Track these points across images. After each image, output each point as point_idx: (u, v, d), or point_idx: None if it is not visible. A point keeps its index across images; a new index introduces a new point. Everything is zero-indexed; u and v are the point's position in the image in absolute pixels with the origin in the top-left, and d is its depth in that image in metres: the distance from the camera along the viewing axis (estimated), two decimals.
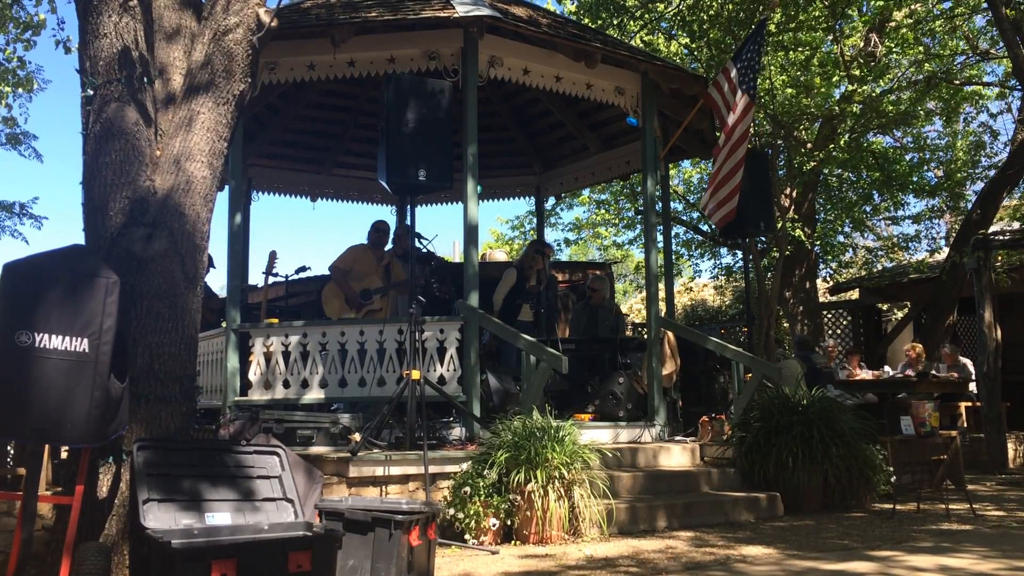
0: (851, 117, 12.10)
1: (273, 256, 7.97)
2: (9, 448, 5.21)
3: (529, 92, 9.01)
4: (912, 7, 12.54)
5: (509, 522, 5.43)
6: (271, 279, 8.05)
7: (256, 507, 3.97)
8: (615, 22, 12.79)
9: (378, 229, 8.57)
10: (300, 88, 9.05)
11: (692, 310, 19.35)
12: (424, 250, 8.02)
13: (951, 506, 6.63)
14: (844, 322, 15.21)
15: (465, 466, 5.65)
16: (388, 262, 8.40)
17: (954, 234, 14.54)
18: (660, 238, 8.86)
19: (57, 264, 3.79)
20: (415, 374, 5.90)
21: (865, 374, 11.00)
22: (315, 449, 6.02)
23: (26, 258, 3.85)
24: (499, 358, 8.35)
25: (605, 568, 4.61)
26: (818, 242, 14.69)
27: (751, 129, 8.16)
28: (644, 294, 10.34)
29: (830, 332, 14.95)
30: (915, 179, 14.13)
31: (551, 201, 13.03)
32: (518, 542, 5.42)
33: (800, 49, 12.37)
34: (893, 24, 12.64)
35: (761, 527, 6.00)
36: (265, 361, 6.88)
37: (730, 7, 11.72)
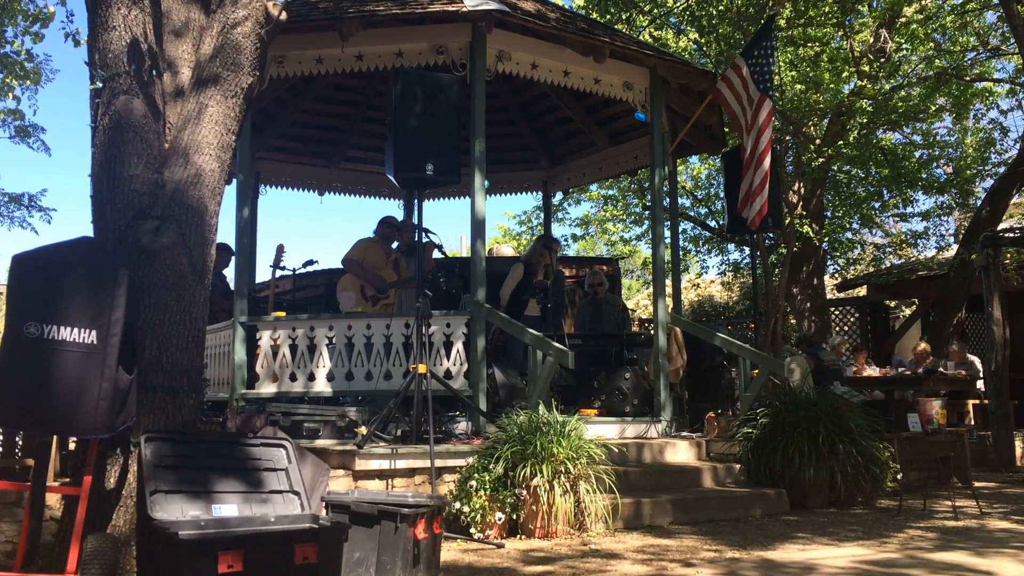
0: (860, 113, 12.04)
1: (280, 249, 7.98)
2: (17, 439, 5.25)
3: (537, 87, 8.99)
4: (923, 2, 12.48)
5: (515, 516, 5.44)
6: (278, 272, 8.06)
7: (263, 499, 3.99)
8: (624, 17, 12.75)
9: (389, 224, 8.54)
10: (308, 82, 9.07)
11: (699, 306, 19.33)
12: (431, 239, 7.99)
13: (957, 503, 6.61)
14: (852, 319, 15.16)
15: (471, 460, 5.66)
16: (396, 258, 8.43)
17: (963, 231, 14.47)
18: (668, 234, 8.84)
19: (65, 256, 3.80)
20: (421, 368, 5.91)
21: (872, 371, 10.97)
22: (321, 442, 6.04)
23: (35, 250, 3.87)
24: (506, 353, 8.35)
25: (611, 562, 4.62)
26: (826, 238, 14.65)
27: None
28: (651, 290, 10.32)
29: (837, 329, 14.90)
30: (924, 176, 14.08)
31: (559, 196, 13.01)
32: (523, 536, 5.43)
33: (810, 45, 12.32)
34: (903, 20, 12.57)
35: (766, 523, 5.99)
36: (272, 354, 6.90)
37: (739, 2, 11.67)
